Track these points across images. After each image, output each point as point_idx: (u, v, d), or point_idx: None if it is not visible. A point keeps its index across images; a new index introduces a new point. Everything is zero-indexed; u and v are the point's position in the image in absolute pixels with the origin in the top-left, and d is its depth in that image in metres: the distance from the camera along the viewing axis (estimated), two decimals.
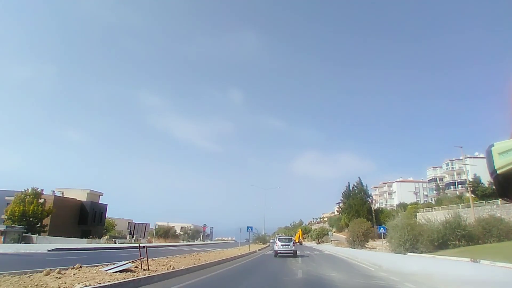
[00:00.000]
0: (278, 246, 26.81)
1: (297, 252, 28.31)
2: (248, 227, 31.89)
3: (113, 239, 48.45)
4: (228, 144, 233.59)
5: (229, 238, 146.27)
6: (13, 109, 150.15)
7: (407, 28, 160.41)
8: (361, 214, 65.19)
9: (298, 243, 79.17)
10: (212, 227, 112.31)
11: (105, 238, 44.72)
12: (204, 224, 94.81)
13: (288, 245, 26.94)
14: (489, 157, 0.37)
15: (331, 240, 68.64)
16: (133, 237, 53.11)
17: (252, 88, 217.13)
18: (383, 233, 30.97)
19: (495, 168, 0.36)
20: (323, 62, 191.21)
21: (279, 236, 35.19)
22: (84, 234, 52.02)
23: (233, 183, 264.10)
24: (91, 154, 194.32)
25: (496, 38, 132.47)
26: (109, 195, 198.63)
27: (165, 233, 68.12)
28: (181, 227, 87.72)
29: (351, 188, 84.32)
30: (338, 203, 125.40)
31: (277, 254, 26.33)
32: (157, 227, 71.14)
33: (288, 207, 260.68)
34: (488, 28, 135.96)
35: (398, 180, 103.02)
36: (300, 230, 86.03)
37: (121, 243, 45.86)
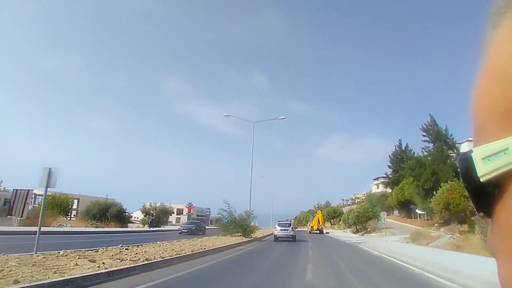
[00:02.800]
0: (278, 230, 25.99)
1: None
2: None
3: None
4: (252, 128, 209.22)
5: None
6: (41, 97, 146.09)
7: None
8: (441, 177, 33.25)
9: (317, 231, 48.50)
10: (209, 209, 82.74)
11: None
12: (190, 203, 65.65)
13: (287, 229, 25.72)
14: (468, 165, 0.32)
15: (384, 228, 36.98)
16: None
17: (276, 73, 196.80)
18: None
19: (478, 175, 0.32)
20: (347, 45, 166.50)
21: (279, 221, 28.18)
22: None
23: (256, 168, 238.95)
24: (114, 140, 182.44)
25: None
26: (128, 181, 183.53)
27: (102, 211, 39.22)
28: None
29: (404, 148, 52.49)
30: (378, 178, 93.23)
31: (276, 238, 25.57)
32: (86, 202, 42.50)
33: (312, 191, 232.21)
34: None
35: (469, 139, 68.58)
36: (319, 212, 54.18)
37: None
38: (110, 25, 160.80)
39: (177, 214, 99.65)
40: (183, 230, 29.72)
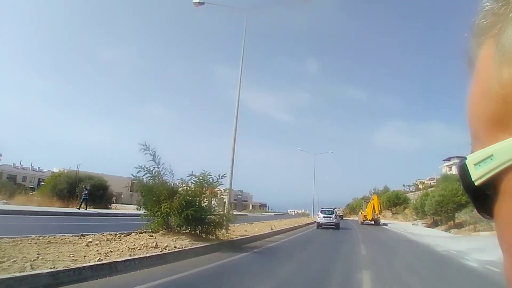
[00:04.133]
0: (320, 217, 25.11)
1: None
2: None
3: None
4: (304, 115, 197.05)
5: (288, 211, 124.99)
6: (99, 87, 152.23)
7: None
8: None
9: (371, 222, 34.61)
10: (240, 191, 70.38)
11: None
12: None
13: (330, 217, 24.82)
14: (464, 171, 0.26)
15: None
16: None
17: (329, 57, 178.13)
18: None
19: (472, 180, 0.26)
20: (406, 25, 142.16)
21: (322, 208, 27.14)
22: None
23: (308, 155, 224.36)
24: (166, 126, 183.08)
25: None
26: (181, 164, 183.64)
27: (71, 186, 28.84)
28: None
29: None
30: (451, 158, 73.98)
31: (319, 225, 24.80)
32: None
33: (366, 179, 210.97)
34: None
35: None
36: (375, 197, 37.85)
37: None
38: (162, 15, 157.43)
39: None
40: None
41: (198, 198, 9.63)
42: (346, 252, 10.62)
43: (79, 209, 20.79)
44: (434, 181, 70.18)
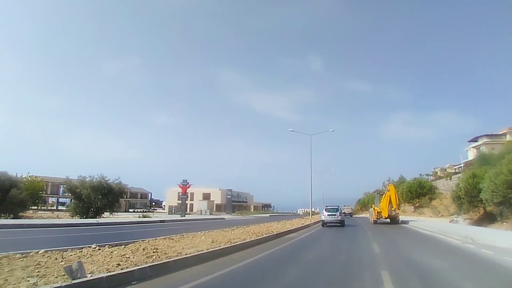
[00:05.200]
0: (325, 215, 24.64)
1: None
2: None
3: None
4: (309, 112, 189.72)
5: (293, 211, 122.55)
6: (108, 101, 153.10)
7: None
8: None
9: (387, 219, 27.63)
10: (229, 191, 59.33)
11: None
12: (184, 181, 42.34)
13: (335, 215, 24.27)
14: None
15: None
16: None
17: (332, 52, 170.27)
18: None
19: None
20: (408, 12, 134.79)
21: (326, 206, 26.60)
22: None
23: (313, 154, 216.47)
24: (176, 135, 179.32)
25: None
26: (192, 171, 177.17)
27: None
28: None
29: None
30: (477, 138, 62.76)
31: (324, 224, 24.36)
32: None
33: (376, 173, 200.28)
34: None
35: None
36: (391, 187, 28.77)
37: None
38: (163, 24, 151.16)
39: (203, 199, 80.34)
40: None
41: None
42: None
43: None
44: (462, 165, 58.55)
